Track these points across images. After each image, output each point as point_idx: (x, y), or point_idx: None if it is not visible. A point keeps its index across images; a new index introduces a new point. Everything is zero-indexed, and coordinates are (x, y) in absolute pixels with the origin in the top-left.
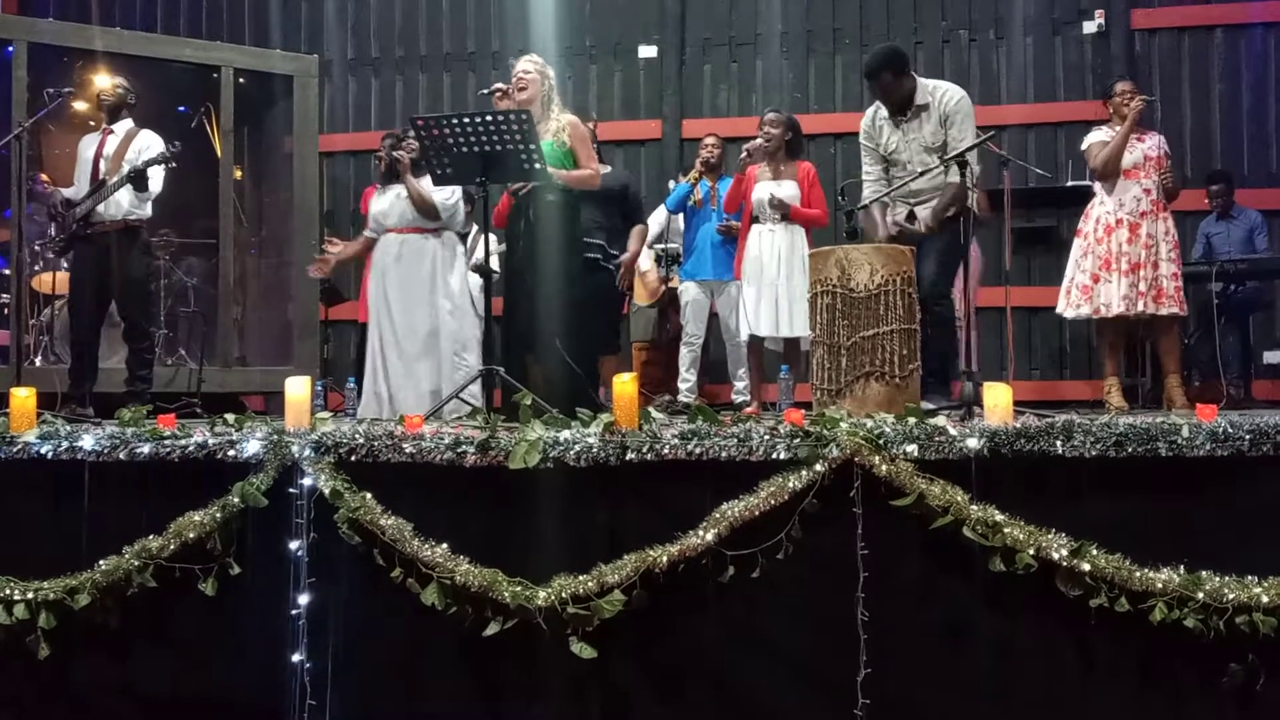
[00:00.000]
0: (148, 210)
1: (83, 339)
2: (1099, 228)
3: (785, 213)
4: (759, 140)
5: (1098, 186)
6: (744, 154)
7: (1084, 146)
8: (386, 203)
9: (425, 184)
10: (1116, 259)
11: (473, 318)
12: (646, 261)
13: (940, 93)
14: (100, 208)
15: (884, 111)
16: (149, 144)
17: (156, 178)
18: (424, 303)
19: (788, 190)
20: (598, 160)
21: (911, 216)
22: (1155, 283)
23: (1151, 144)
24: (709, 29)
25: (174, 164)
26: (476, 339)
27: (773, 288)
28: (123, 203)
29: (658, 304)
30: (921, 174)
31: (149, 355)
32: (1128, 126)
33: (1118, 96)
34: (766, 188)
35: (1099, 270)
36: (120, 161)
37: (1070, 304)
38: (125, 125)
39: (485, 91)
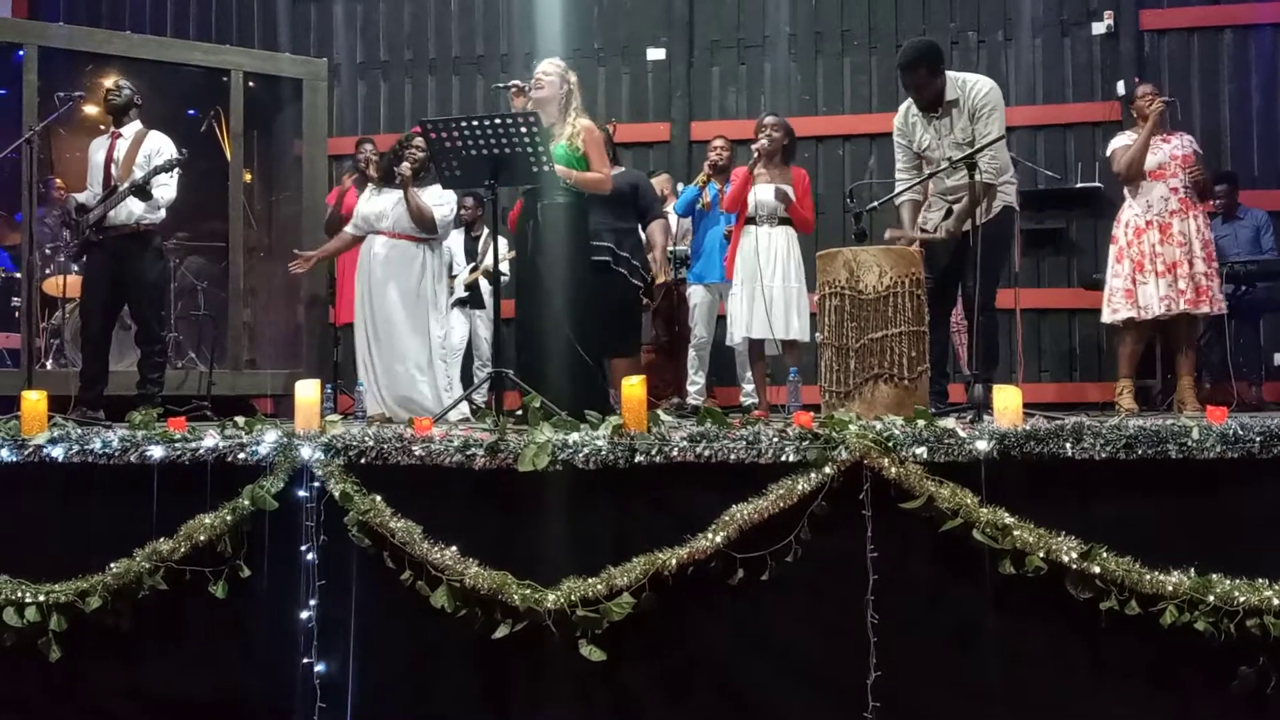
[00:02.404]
0: (161, 214)
1: (94, 342)
2: (1129, 231)
3: (787, 203)
4: (764, 142)
5: (1126, 190)
6: (755, 156)
7: (1108, 152)
8: (383, 205)
9: (426, 196)
10: (1151, 260)
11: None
12: None
13: (969, 86)
14: (112, 213)
15: (916, 108)
16: (159, 147)
17: (169, 185)
18: (410, 309)
19: (782, 194)
20: (610, 164)
21: (949, 216)
22: (1194, 280)
23: (1178, 144)
24: (717, 31)
25: (179, 170)
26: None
27: (769, 289)
28: (134, 208)
29: (656, 306)
30: (936, 172)
31: (160, 359)
32: (1149, 128)
33: (1140, 99)
34: (766, 189)
35: (1135, 273)
36: (131, 165)
37: (1111, 309)
38: (134, 128)
39: (499, 86)
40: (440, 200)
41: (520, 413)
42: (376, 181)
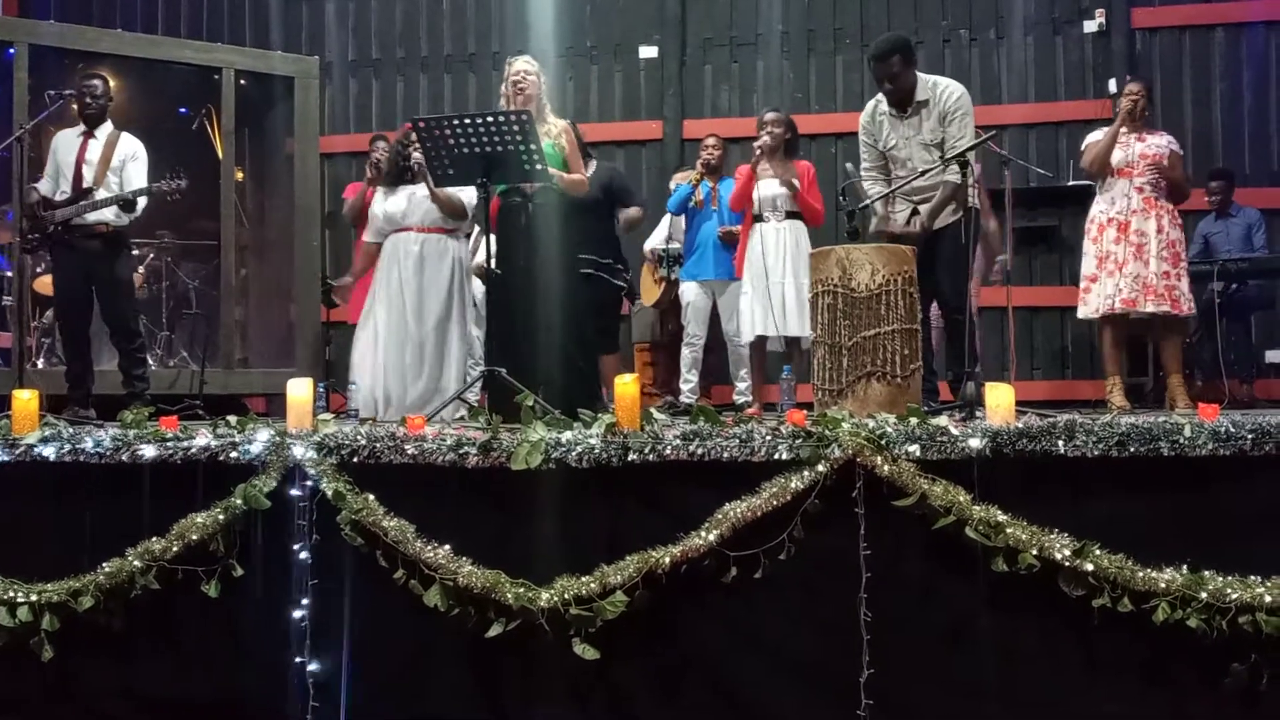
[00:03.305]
0: (127, 219)
1: (74, 341)
2: (1094, 228)
3: (794, 191)
4: (765, 139)
5: (1097, 186)
6: (756, 153)
7: (1082, 146)
8: (404, 202)
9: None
10: (1106, 258)
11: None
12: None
13: (940, 89)
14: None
15: (884, 106)
16: (133, 152)
17: (141, 198)
18: (444, 304)
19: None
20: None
21: (914, 214)
22: (1143, 280)
23: (1151, 142)
24: (710, 29)
25: (179, 195)
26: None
27: (778, 287)
28: (105, 212)
29: (658, 304)
30: (922, 173)
31: (141, 354)
32: (1115, 125)
33: (1120, 96)
34: (770, 185)
35: (1095, 270)
36: (105, 169)
37: (1081, 304)
38: (105, 129)
39: None
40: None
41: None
42: (388, 183)
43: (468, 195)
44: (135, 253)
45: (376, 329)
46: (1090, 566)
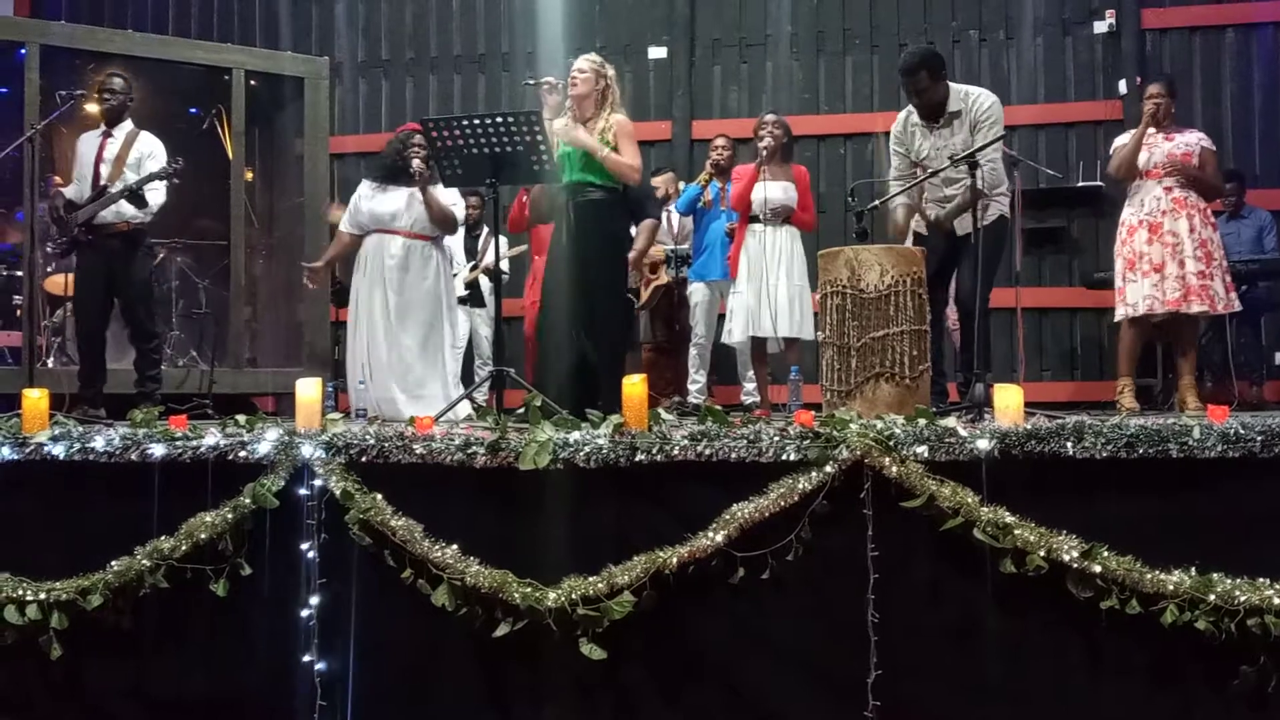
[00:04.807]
0: (148, 215)
1: (90, 341)
2: (1124, 230)
3: (788, 217)
4: (768, 140)
5: (1128, 189)
6: (762, 154)
7: (1110, 151)
8: (396, 203)
9: (443, 195)
10: (1139, 259)
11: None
12: None
13: (973, 99)
14: (101, 212)
15: (915, 117)
16: (151, 149)
17: (159, 189)
18: (428, 309)
19: (787, 192)
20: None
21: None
22: (1184, 280)
23: (1180, 141)
24: (719, 30)
25: (176, 179)
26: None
27: (772, 288)
28: (124, 209)
29: (647, 305)
30: (933, 174)
31: (156, 356)
32: (1140, 130)
33: (1144, 99)
34: (769, 188)
35: (1125, 271)
36: (121, 166)
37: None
38: (125, 128)
39: (529, 82)
40: (454, 200)
41: (521, 410)
42: (379, 179)
43: (461, 211)
44: (156, 259)
45: (365, 332)
46: (1098, 568)
